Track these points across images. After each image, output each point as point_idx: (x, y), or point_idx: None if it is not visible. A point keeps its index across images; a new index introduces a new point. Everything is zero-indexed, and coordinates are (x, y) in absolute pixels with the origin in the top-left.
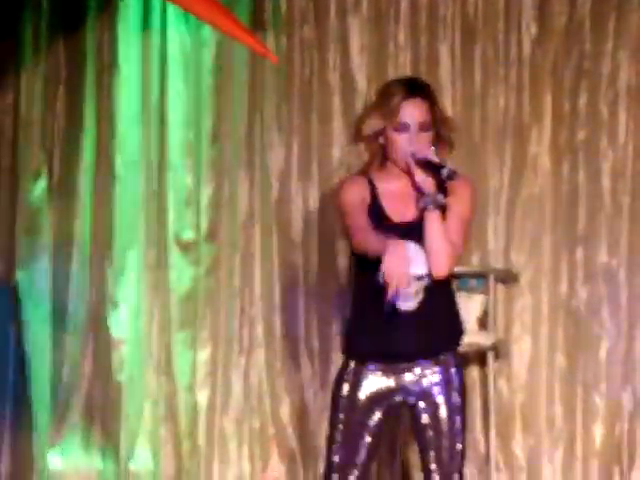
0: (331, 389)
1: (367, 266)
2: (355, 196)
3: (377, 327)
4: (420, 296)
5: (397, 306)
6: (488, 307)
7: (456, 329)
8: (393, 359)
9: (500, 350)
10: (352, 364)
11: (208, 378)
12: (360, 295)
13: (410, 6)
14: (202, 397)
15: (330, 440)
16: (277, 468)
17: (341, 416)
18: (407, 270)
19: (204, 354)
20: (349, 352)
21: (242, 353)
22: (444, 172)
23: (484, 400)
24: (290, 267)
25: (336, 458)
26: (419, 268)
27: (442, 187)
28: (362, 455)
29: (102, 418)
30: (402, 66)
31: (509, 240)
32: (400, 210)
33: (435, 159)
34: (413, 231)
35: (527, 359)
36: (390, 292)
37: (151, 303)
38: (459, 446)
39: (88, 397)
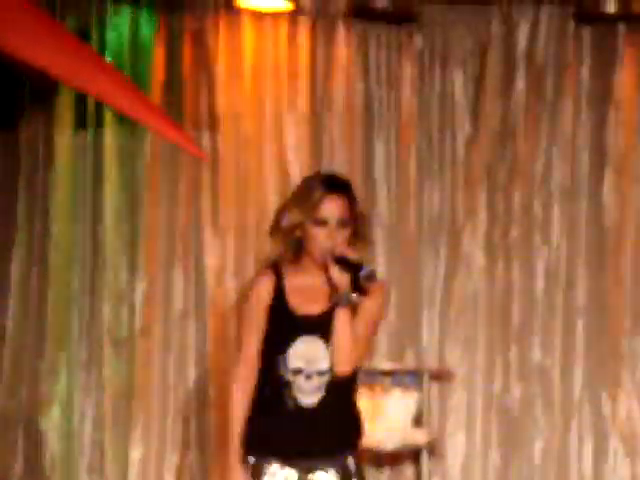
0: None
1: (269, 363)
2: (263, 291)
3: (275, 423)
4: (322, 392)
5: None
6: (422, 405)
7: (357, 430)
8: (294, 456)
9: (434, 448)
10: (252, 460)
11: (140, 477)
12: (262, 390)
13: (345, 103)
14: None
15: None
16: None
17: None
18: None
19: (137, 453)
20: (250, 448)
21: (175, 452)
22: (363, 272)
23: None
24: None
25: None
26: (321, 363)
27: (356, 284)
28: None
29: None
30: (338, 161)
31: (443, 337)
32: (305, 304)
33: (354, 258)
34: (317, 325)
35: (461, 457)
36: None
37: (83, 401)
38: None
39: None
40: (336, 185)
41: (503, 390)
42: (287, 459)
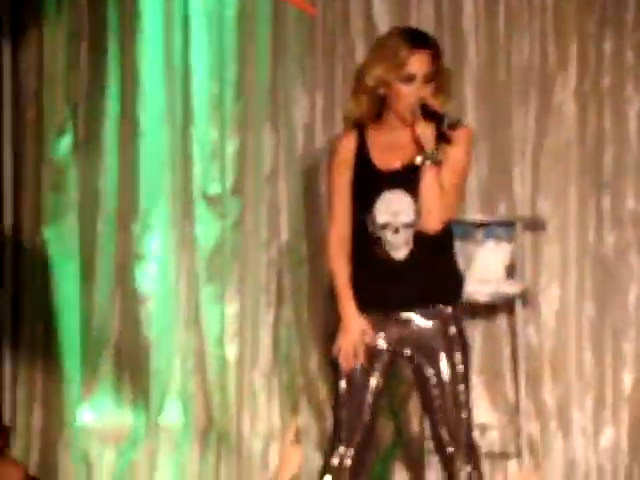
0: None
1: (359, 219)
2: (346, 151)
3: (369, 276)
4: (411, 245)
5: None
6: (515, 255)
7: (454, 283)
8: (386, 308)
9: (528, 298)
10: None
11: (237, 332)
12: (356, 247)
13: None
14: (231, 351)
15: (335, 397)
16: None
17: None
18: (360, 349)
19: (232, 308)
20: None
21: (270, 306)
22: (447, 121)
23: (513, 349)
24: (317, 217)
25: (342, 415)
26: (406, 216)
27: (442, 134)
28: (366, 414)
29: (132, 373)
30: (425, 14)
31: (535, 188)
32: (388, 159)
33: (439, 110)
34: (399, 179)
35: (555, 307)
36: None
37: (178, 258)
38: (464, 414)
39: (117, 352)
40: (421, 40)
41: (597, 239)
42: (385, 309)
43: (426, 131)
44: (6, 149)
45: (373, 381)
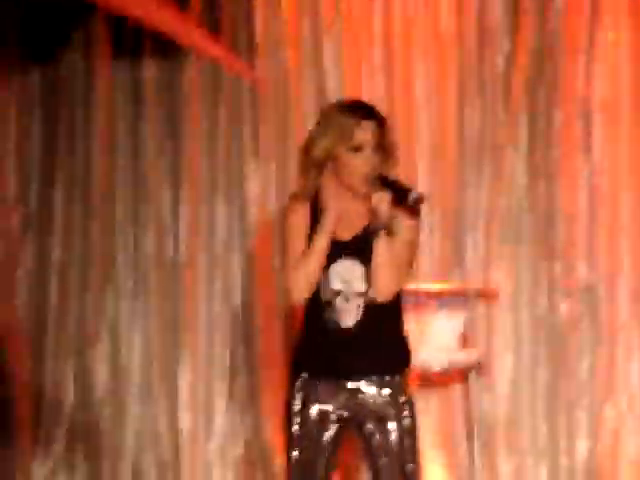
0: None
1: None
2: (299, 219)
3: (319, 343)
4: (361, 314)
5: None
6: (468, 324)
7: (402, 353)
8: (335, 376)
9: (482, 367)
10: (301, 379)
11: (191, 405)
12: (306, 312)
13: (383, 27)
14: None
15: (288, 456)
16: None
17: (296, 431)
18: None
19: (186, 381)
20: (298, 367)
21: (224, 379)
22: (413, 195)
23: (467, 417)
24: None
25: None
26: (358, 285)
27: (403, 207)
28: (321, 471)
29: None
30: (377, 87)
31: (488, 256)
32: (341, 229)
33: (403, 182)
34: (351, 248)
35: (509, 376)
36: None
37: (130, 332)
38: (411, 466)
39: (71, 427)
40: (365, 110)
41: (549, 308)
42: (334, 378)
43: (382, 201)
44: None
45: (324, 445)
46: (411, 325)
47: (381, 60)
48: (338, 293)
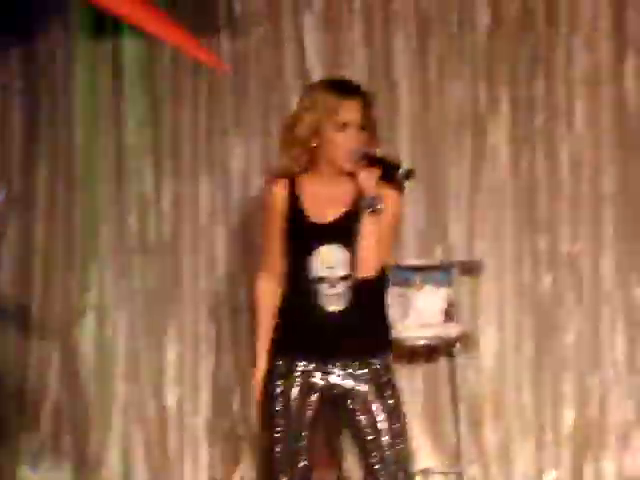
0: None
1: (293, 271)
2: (277, 200)
3: (305, 328)
4: (347, 298)
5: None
6: (453, 298)
7: (386, 335)
8: (321, 360)
9: (467, 341)
10: (283, 361)
11: (176, 382)
12: (289, 298)
13: (364, 3)
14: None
15: (271, 436)
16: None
17: (277, 411)
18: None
19: (172, 358)
20: (278, 352)
21: (209, 355)
22: (402, 171)
23: (453, 392)
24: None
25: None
26: (342, 269)
27: (391, 183)
28: (303, 451)
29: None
30: (357, 65)
31: (471, 230)
32: (322, 212)
33: (391, 157)
34: (334, 232)
35: (494, 349)
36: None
37: (116, 310)
38: (400, 446)
39: (56, 407)
40: (350, 88)
41: (533, 280)
42: (314, 362)
43: (369, 178)
44: None
45: (308, 418)
46: (395, 300)
47: (362, 34)
48: (322, 279)
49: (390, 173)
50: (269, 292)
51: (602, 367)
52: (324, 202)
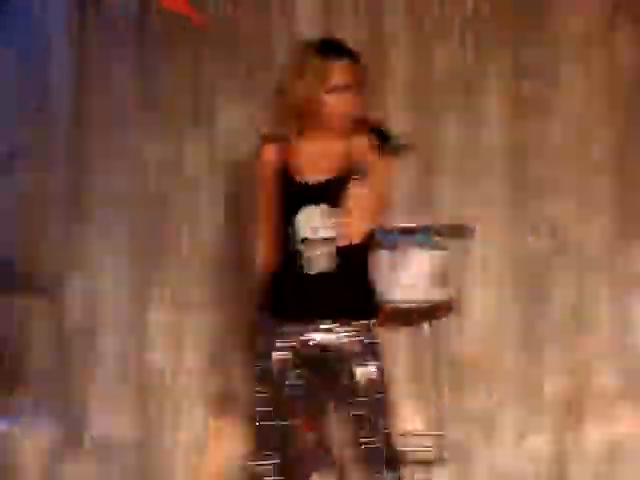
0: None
1: (283, 231)
2: (271, 160)
3: (289, 289)
4: (331, 260)
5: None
6: (441, 262)
7: (369, 299)
8: (304, 320)
9: (454, 305)
10: (267, 322)
11: (161, 341)
12: (280, 257)
13: None
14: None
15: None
16: None
17: (262, 370)
18: None
19: (155, 315)
20: (265, 310)
21: (195, 312)
22: (398, 145)
23: (436, 356)
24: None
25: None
26: (326, 231)
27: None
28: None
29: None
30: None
31: (461, 194)
32: (311, 173)
33: (389, 130)
34: (321, 193)
35: (479, 313)
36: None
37: (104, 264)
38: (383, 422)
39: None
40: (339, 50)
41: (521, 245)
42: (301, 321)
43: (361, 144)
44: None
45: (290, 386)
46: (385, 264)
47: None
48: (305, 240)
49: (386, 145)
50: (268, 258)
51: (589, 333)
52: (314, 165)
